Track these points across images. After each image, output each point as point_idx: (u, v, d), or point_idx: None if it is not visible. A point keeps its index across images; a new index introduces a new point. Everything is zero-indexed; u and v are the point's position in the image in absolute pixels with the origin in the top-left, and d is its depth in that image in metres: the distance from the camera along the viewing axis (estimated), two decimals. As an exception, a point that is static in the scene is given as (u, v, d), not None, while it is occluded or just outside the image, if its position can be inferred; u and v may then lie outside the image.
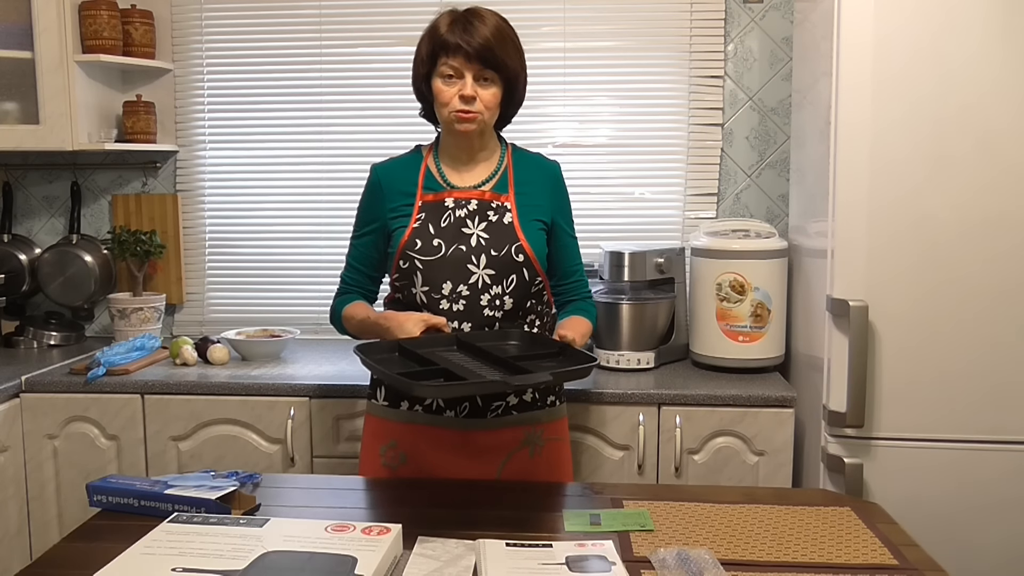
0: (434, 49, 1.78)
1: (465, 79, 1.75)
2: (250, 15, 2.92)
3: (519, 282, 1.80)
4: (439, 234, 1.79)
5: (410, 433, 1.84)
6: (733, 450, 2.27)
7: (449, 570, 1.31)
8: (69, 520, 2.40)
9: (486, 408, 1.82)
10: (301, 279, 2.99)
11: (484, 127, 1.81)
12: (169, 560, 1.27)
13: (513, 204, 1.82)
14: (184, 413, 2.37)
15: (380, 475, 1.86)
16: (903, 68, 2.05)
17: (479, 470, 1.82)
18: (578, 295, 1.94)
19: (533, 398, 1.87)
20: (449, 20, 1.77)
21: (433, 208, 1.82)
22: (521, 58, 1.82)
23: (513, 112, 1.88)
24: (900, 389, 2.12)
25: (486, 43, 1.73)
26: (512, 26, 1.81)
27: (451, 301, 1.78)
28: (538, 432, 1.86)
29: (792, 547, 1.43)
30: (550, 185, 1.90)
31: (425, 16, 2.83)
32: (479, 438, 1.82)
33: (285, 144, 2.96)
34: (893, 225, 2.09)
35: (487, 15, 1.77)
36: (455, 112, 1.76)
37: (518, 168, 1.88)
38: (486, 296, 1.78)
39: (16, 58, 2.64)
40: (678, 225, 2.87)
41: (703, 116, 2.83)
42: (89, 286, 2.90)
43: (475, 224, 1.80)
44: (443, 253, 1.78)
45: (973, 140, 2.05)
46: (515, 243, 1.79)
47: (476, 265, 1.78)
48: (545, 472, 1.87)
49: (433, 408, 1.82)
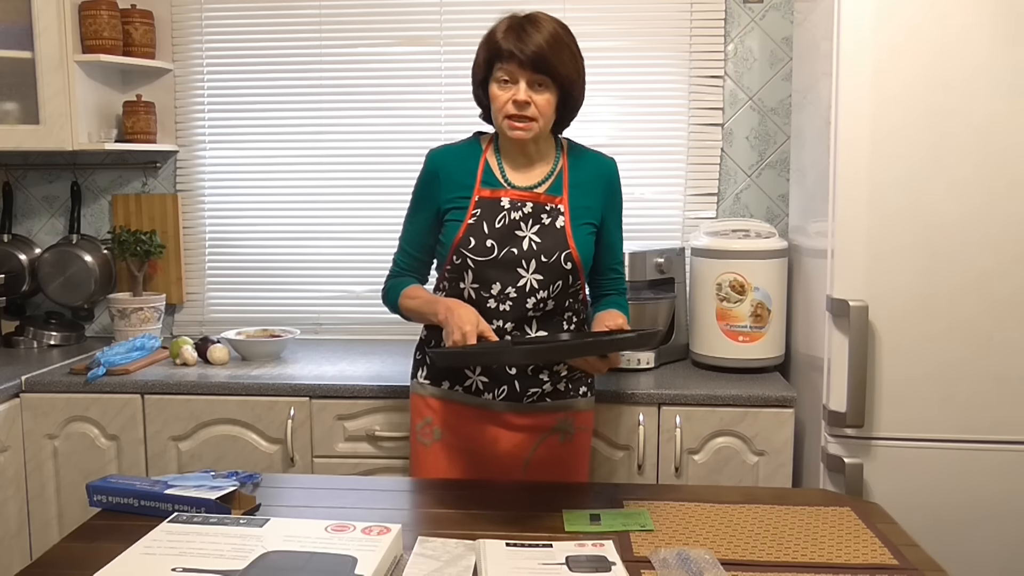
0: (490, 55, 1.80)
1: (519, 85, 1.76)
2: (250, 15, 2.92)
3: (563, 287, 1.84)
4: (492, 235, 1.81)
5: (446, 410, 1.92)
6: (733, 450, 2.27)
7: (449, 570, 1.31)
8: (69, 520, 2.40)
9: (523, 393, 1.87)
10: (301, 279, 2.99)
11: (539, 133, 1.81)
12: (169, 560, 1.27)
13: (566, 207, 1.84)
14: (184, 413, 2.37)
15: (418, 451, 1.95)
16: (903, 68, 2.05)
17: (510, 451, 1.89)
18: (614, 289, 1.98)
19: (567, 387, 1.92)
20: (506, 27, 1.78)
21: (489, 205, 1.83)
22: (577, 64, 1.81)
23: (570, 117, 1.89)
24: (900, 389, 2.12)
25: (539, 50, 1.73)
26: (571, 32, 1.81)
27: (499, 301, 1.82)
28: (570, 419, 1.93)
29: (792, 547, 1.43)
30: (604, 184, 1.91)
31: (425, 16, 2.88)
32: (514, 420, 1.88)
33: (285, 144, 2.96)
34: (893, 225, 2.09)
35: (544, 21, 1.77)
36: (508, 118, 1.78)
37: (573, 169, 1.89)
38: (532, 299, 1.82)
39: (16, 58, 2.64)
40: (678, 225, 2.87)
41: (703, 116, 2.82)
42: (89, 286, 2.90)
43: (528, 227, 1.82)
44: (495, 255, 1.81)
45: (973, 140, 2.05)
46: (565, 251, 1.81)
47: (525, 269, 1.81)
48: (572, 459, 1.95)
49: (472, 390, 1.88)
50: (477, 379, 1.88)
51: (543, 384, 1.88)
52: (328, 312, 2.99)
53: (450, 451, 1.91)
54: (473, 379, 1.88)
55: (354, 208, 2.96)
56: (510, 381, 1.86)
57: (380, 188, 2.93)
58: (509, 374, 1.85)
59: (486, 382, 1.87)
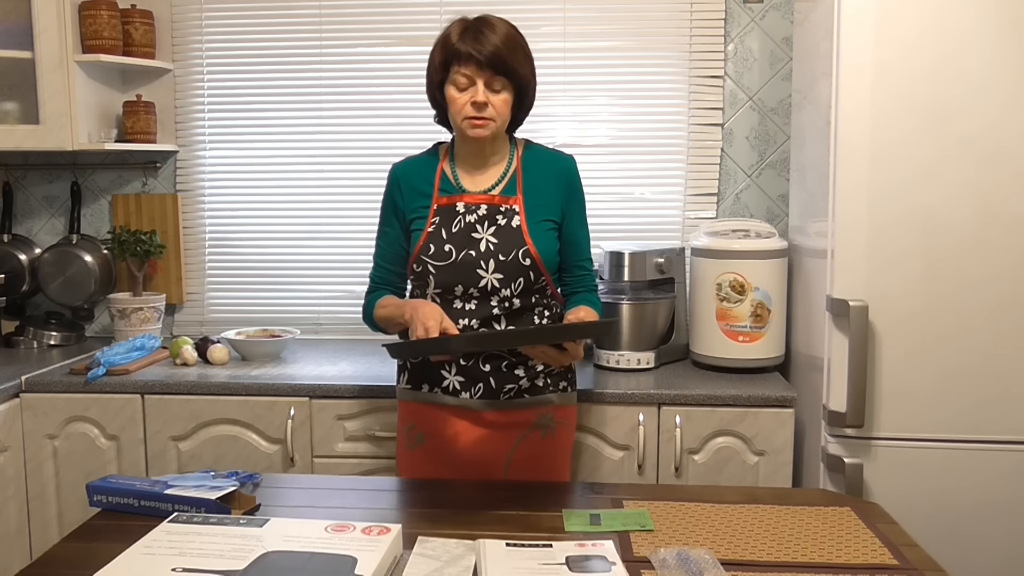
0: (446, 58, 1.82)
1: (477, 86, 1.79)
2: (250, 15, 2.92)
3: (526, 284, 1.85)
4: (450, 239, 1.84)
5: (427, 414, 1.92)
6: (733, 450, 2.27)
7: (449, 570, 1.31)
8: (69, 520, 2.40)
9: (499, 390, 1.87)
10: (301, 279, 2.99)
11: (496, 132, 1.85)
12: (169, 560, 1.27)
13: (521, 207, 1.87)
14: (184, 413, 2.37)
15: (404, 455, 1.97)
16: (903, 68, 2.05)
17: (492, 449, 1.89)
18: (584, 287, 1.97)
19: (545, 382, 1.92)
20: (460, 29, 1.81)
21: (446, 212, 1.87)
22: (531, 64, 1.86)
23: (523, 116, 1.93)
24: (900, 389, 2.12)
25: (496, 51, 1.76)
26: (521, 33, 1.85)
27: (463, 301, 1.85)
28: (550, 414, 1.93)
29: (792, 547, 1.43)
30: (561, 182, 1.92)
31: (425, 16, 2.88)
32: (493, 418, 1.88)
33: (285, 144, 2.96)
34: (893, 225, 2.09)
35: (497, 23, 1.81)
36: (467, 119, 1.81)
37: (527, 169, 1.91)
38: (495, 298, 1.84)
39: (16, 58, 2.64)
40: (678, 225, 2.87)
41: (703, 116, 2.82)
42: (89, 286, 2.90)
43: (484, 229, 1.84)
44: (454, 258, 1.83)
45: (974, 140, 2.05)
46: (522, 247, 1.83)
47: (485, 270, 1.83)
48: (554, 454, 1.95)
49: (449, 390, 1.89)
50: (453, 379, 1.88)
51: (519, 380, 1.88)
52: (328, 312, 2.99)
53: (432, 455, 1.92)
54: (450, 379, 1.89)
55: (354, 208, 2.95)
56: (485, 379, 1.86)
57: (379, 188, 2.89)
58: (484, 371, 1.86)
59: (462, 381, 1.88)
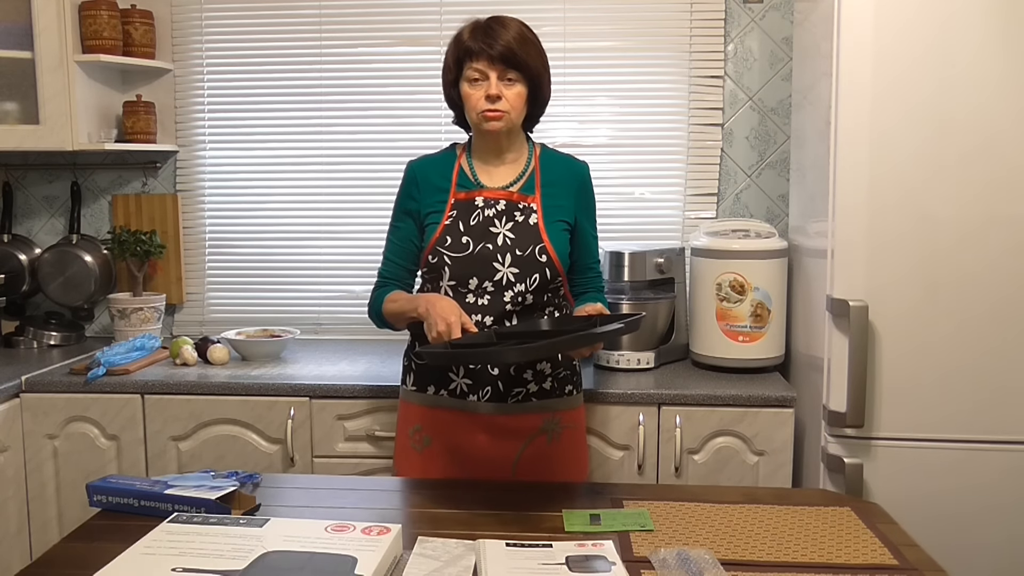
0: (459, 56, 1.86)
1: (490, 80, 1.81)
2: (250, 15, 2.92)
3: (541, 281, 1.86)
4: (468, 232, 1.86)
5: (434, 417, 1.92)
6: (733, 450, 2.27)
7: (449, 570, 1.31)
8: (69, 520, 2.40)
9: (507, 393, 1.87)
10: (301, 279, 2.99)
11: (511, 125, 1.86)
12: (169, 560, 1.27)
13: (539, 205, 1.89)
14: (184, 413, 2.37)
15: (409, 456, 1.95)
16: (903, 68, 2.05)
17: (499, 453, 1.89)
18: (593, 287, 2.01)
19: (552, 386, 1.92)
20: (472, 28, 1.86)
21: (464, 206, 1.88)
22: (543, 59, 1.88)
23: (539, 112, 1.94)
24: (900, 389, 2.12)
25: (508, 45, 1.80)
26: (533, 31, 1.88)
27: (477, 295, 1.85)
28: (556, 419, 1.93)
29: (792, 547, 1.43)
30: (576, 186, 1.95)
31: (425, 16, 2.88)
32: (500, 422, 1.89)
33: (285, 144, 2.96)
34: (893, 225, 2.09)
35: (508, 21, 1.85)
36: (482, 112, 1.82)
37: (545, 169, 1.93)
38: (509, 293, 1.85)
39: (16, 58, 2.64)
40: (678, 225, 2.87)
41: (703, 116, 2.83)
42: (89, 286, 2.90)
43: (502, 224, 1.86)
44: (471, 250, 1.84)
45: (973, 140, 2.05)
46: (539, 244, 1.85)
47: (501, 263, 1.84)
48: (561, 458, 1.94)
49: (457, 392, 1.89)
50: (461, 381, 1.88)
51: (527, 384, 1.88)
52: (328, 312, 2.99)
53: (439, 458, 1.92)
54: (457, 382, 1.89)
55: (354, 208, 2.95)
56: (493, 382, 1.87)
57: (380, 188, 2.92)
58: (492, 375, 1.86)
59: (470, 384, 1.88)
